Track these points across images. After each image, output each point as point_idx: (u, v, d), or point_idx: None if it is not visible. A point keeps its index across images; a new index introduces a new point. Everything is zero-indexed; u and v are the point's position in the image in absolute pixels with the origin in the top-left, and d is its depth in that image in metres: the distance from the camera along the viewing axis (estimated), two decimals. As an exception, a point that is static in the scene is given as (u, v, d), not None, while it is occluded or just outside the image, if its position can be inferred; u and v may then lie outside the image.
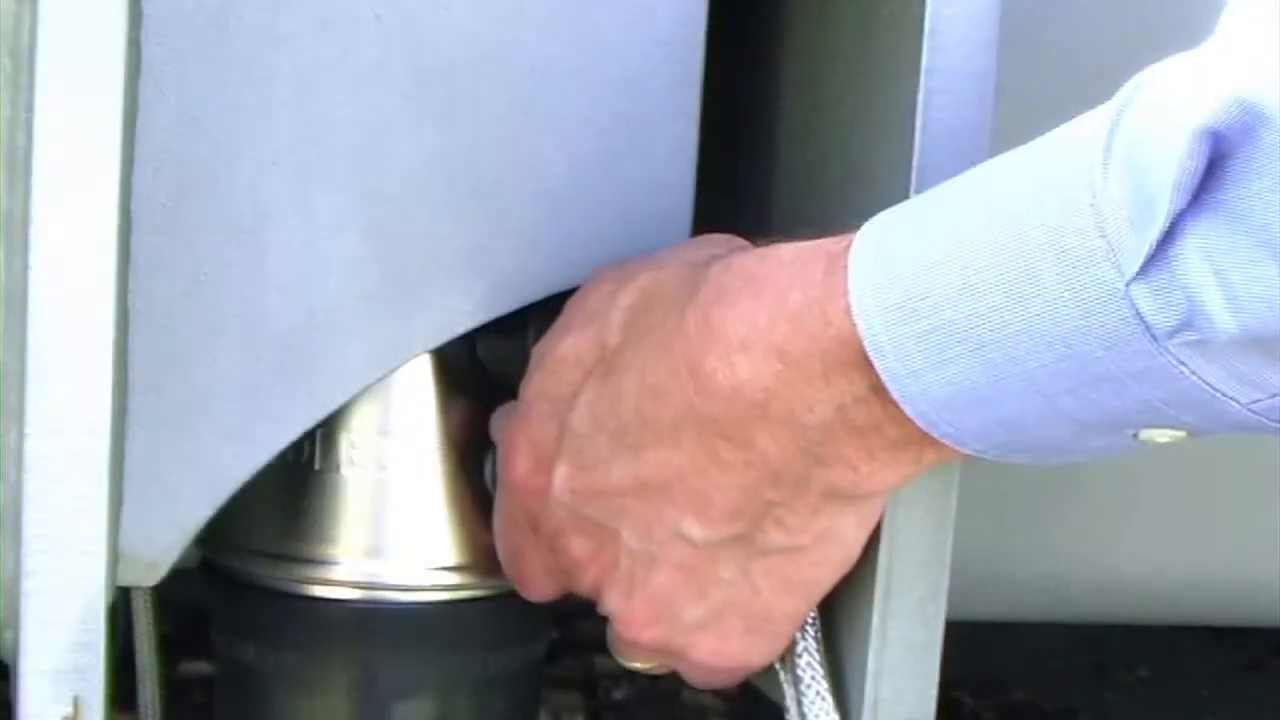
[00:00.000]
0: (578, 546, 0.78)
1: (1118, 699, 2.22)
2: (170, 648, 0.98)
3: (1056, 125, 0.68)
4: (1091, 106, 0.68)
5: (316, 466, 0.85)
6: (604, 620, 0.81)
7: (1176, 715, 2.19)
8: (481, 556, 0.86)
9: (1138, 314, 0.61)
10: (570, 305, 0.79)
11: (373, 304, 0.80)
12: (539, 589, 0.83)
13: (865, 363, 0.68)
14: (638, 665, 0.82)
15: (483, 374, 0.85)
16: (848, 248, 0.69)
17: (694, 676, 0.81)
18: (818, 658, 0.80)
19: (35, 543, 0.73)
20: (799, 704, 0.80)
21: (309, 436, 0.83)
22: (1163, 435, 0.67)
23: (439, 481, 0.85)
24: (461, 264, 0.80)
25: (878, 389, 0.68)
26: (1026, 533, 1.04)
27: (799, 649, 0.80)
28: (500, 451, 0.80)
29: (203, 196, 0.78)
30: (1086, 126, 0.64)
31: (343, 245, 0.79)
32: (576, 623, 2.15)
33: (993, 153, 0.77)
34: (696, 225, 0.83)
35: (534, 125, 0.80)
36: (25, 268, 0.71)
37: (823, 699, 0.79)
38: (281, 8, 0.77)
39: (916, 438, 0.69)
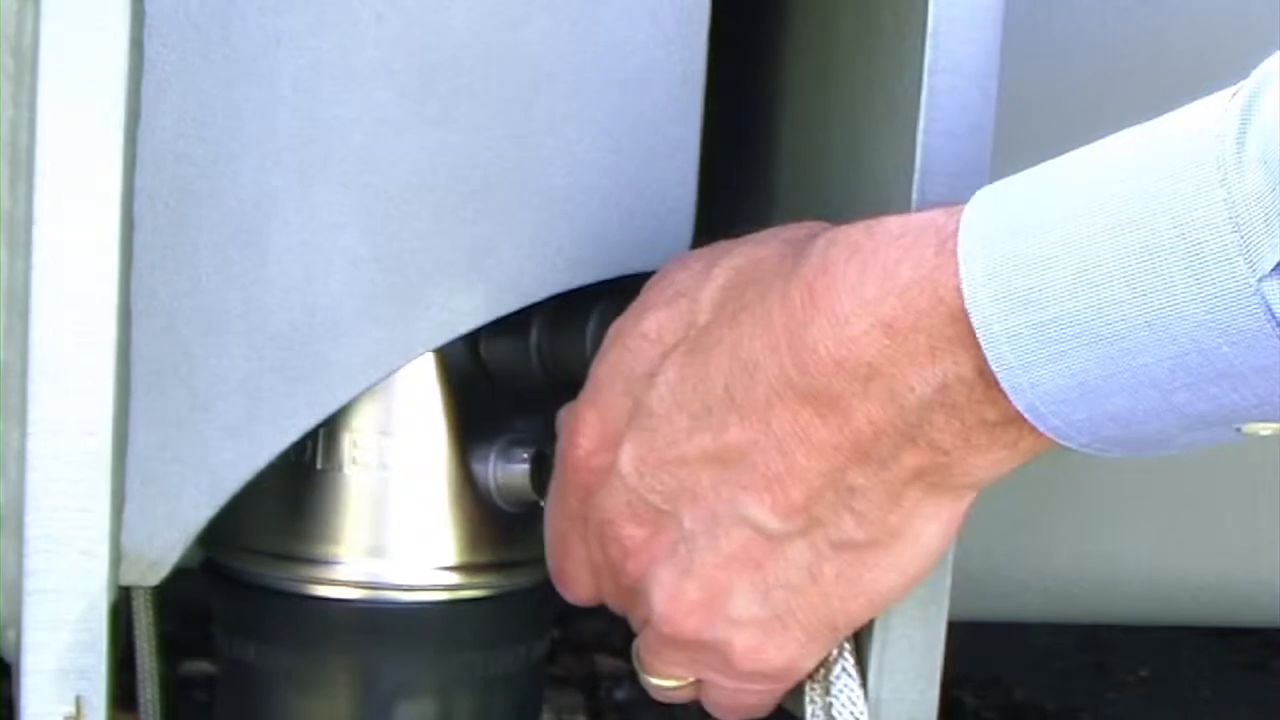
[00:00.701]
0: (629, 534, 0.76)
1: (1118, 699, 2.22)
2: (171, 647, 0.98)
3: (1058, 125, 0.68)
4: (1092, 106, 0.68)
5: (319, 466, 0.85)
6: (614, 631, 0.80)
7: (1176, 715, 2.19)
8: (483, 556, 0.86)
9: (1269, 311, 0.60)
10: (654, 284, 0.78)
11: (375, 304, 0.80)
12: (579, 586, 0.82)
13: (973, 342, 0.66)
14: (663, 683, 0.80)
15: (485, 374, 0.85)
16: (958, 224, 0.67)
17: (722, 696, 0.79)
18: (855, 676, 0.79)
19: (37, 542, 0.73)
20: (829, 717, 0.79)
21: (311, 436, 0.83)
22: (1267, 428, 0.66)
23: (441, 481, 0.85)
24: (463, 264, 0.80)
25: (983, 370, 0.67)
26: (1026, 533, 1.04)
27: (834, 664, 0.79)
28: (564, 430, 0.79)
29: (205, 196, 0.78)
30: (1210, 115, 0.62)
31: (345, 245, 0.79)
32: (577, 622, 2.15)
33: (994, 153, 0.77)
34: (698, 225, 0.83)
35: (535, 125, 0.80)
36: (27, 267, 0.71)
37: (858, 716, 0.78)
38: (283, 8, 0.77)
39: (1016, 422, 0.68)
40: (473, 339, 0.83)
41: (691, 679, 0.80)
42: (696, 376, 0.74)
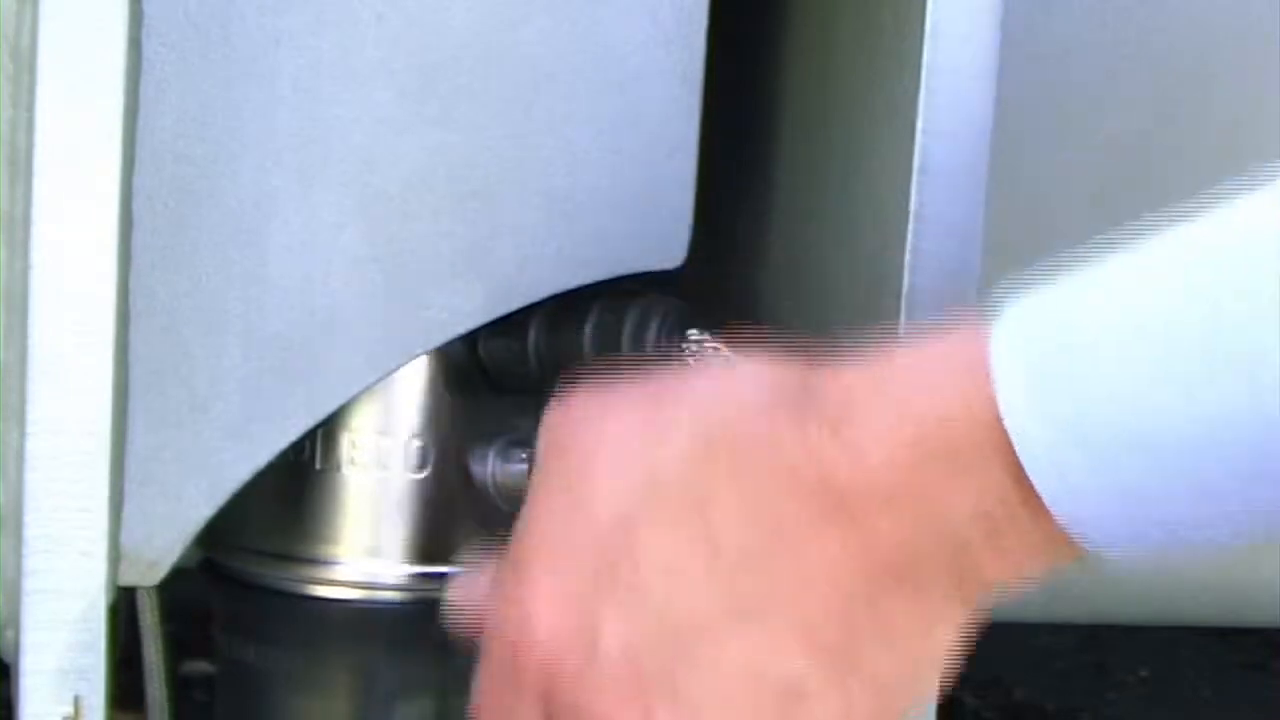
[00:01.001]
0: (616, 714, 0.68)
1: (1118, 699, 2.22)
2: (171, 647, 0.98)
3: (1057, 125, 0.68)
4: (1092, 106, 0.68)
5: (318, 466, 0.85)
6: None
7: (1176, 715, 2.19)
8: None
9: None
10: (563, 445, 0.71)
11: (374, 304, 0.80)
12: None
13: (1015, 465, 0.64)
14: None
15: (483, 374, 0.85)
16: (984, 347, 0.65)
17: None
18: None
19: (36, 542, 0.73)
20: None
21: (310, 436, 0.83)
22: None
23: (440, 481, 0.85)
24: (462, 264, 0.80)
25: (1024, 490, 0.64)
26: (1027, 533, 1.04)
27: None
28: (504, 623, 0.70)
29: (204, 196, 0.78)
30: (1259, 202, 0.61)
31: (344, 245, 0.79)
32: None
33: (993, 153, 0.77)
34: (697, 225, 0.83)
35: (535, 125, 0.80)
36: (26, 267, 0.71)
37: None
38: (283, 7, 0.77)
39: (1058, 540, 0.66)
40: (471, 339, 0.83)
41: None
42: (698, 538, 0.67)
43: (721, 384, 0.71)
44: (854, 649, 0.68)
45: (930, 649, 0.70)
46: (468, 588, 0.74)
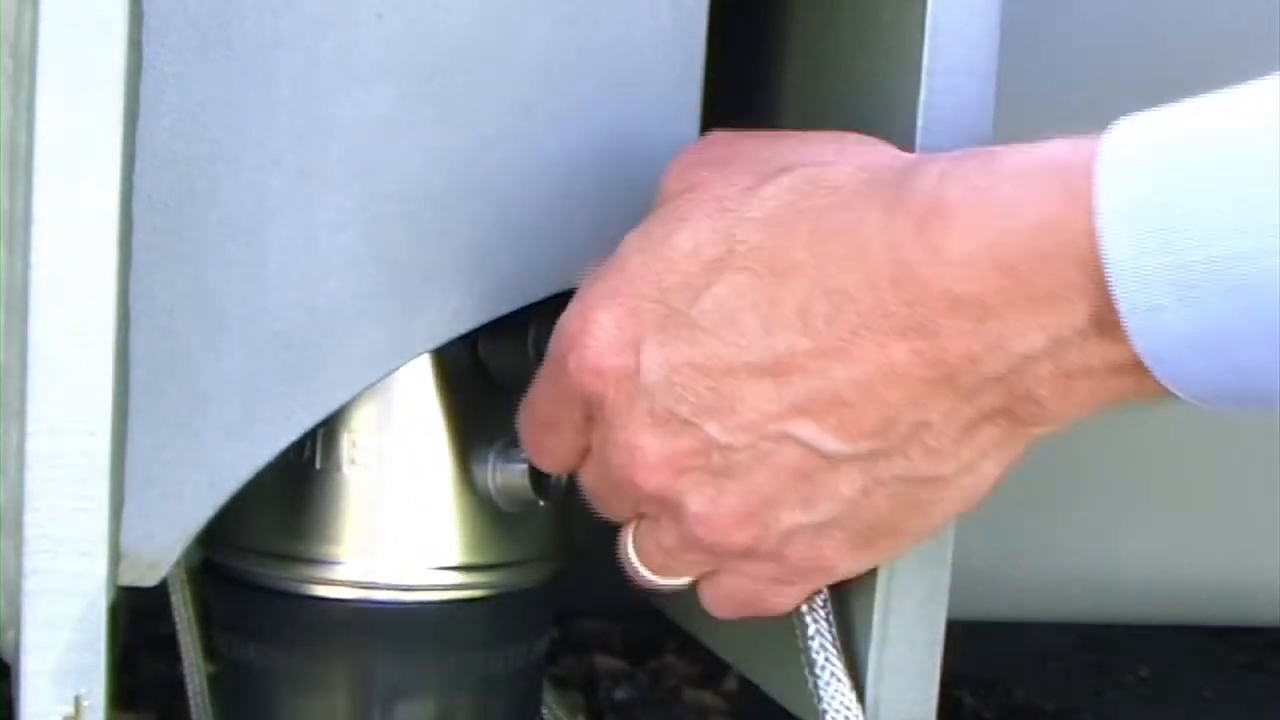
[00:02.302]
0: (645, 444, 0.72)
1: (1118, 699, 2.22)
2: (171, 647, 0.98)
3: (1058, 125, 0.68)
4: (1092, 106, 0.68)
5: (317, 466, 0.85)
6: (614, 631, 0.77)
7: (1176, 715, 2.19)
8: (482, 556, 0.86)
9: None
10: (686, 191, 0.74)
11: (373, 304, 0.80)
12: (558, 464, 0.79)
13: (1095, 289, 0.64)
14: (666, 583, 0.77)
15: (483, 374, 0.85)
16: (1087, 160, 0.64)
17: (742, 592, 0.76)
18: (828, 610, 0.78)
19: (36, 543, 0.73)
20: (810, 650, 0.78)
21: (310, 436, 0.83)
22: None
23: (440, 481, 0.85)
24: (462, 264, 0.80)
25: (1100, 321, 0.65)
26: (1026, 532, 1.04)
27: (816, 600, 0.78)
28: (565, 332, 0.74)
29: (204, 196, 0.78)
30: None
31: (343, 245, 0.79)
32: (577, 622, 2.15)
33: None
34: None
35: (534, 125, 0.80)
36: (26, 267, 0.71)
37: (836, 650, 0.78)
38: (282, 8, 0.77)
39: (1122, 371, 0.66)
40: (471, 339, 0.83)
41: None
42: (761, 297, 0.69)
43: (825, 157, 0.72)
44: (886, 441, 0.69)
45: (969, 457, 0.70)
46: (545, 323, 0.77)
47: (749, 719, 2.01)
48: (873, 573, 0.78)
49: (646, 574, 0.78)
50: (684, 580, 0.78)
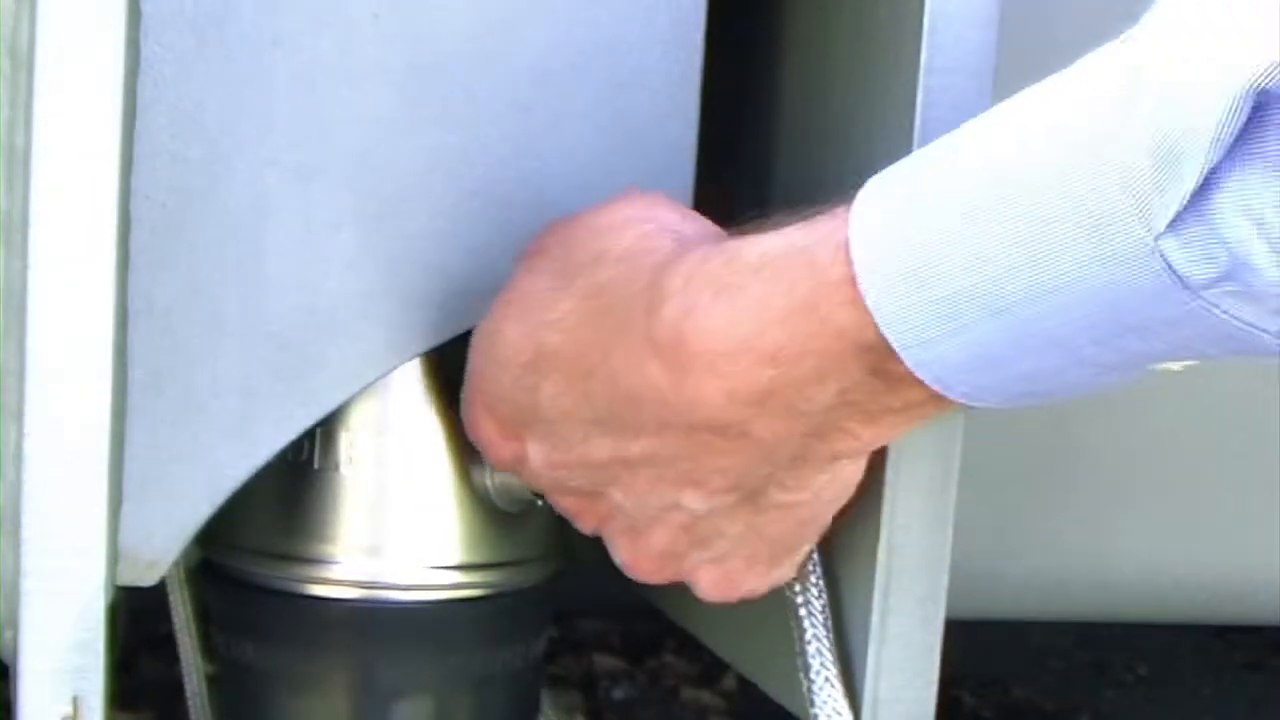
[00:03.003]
0: (568, 506, 0.79)
1: (1118, 698, 2.22)
2: (170, 647, 0.98)
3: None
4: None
5: (316, 465, 0.85)
6: (613, 631, 0.82)
7: (1176, 715, 2.19)
8: (480, 555, 0.86)
9: (1170, 268, 0.60)
10: (504, 296, 0.78)
11: (372, 304, 0.80)
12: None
13: (864, 351, 0.67)
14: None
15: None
16: (830, 233, 0.68)
17: (701, 595, 0.81)
18: (821, 585, 0.81)
19: (35, 542, 0.73)
20: (803, 632, 0.81)
21: (308, 435, 0.83)
22: (1178, 365, 0.66)
23: (438, 480, 0.85)
24: (460, 264, 0.80)
25: (878, 371, 0.68)
26: (1026, 531, 1.04)
27: (808, 573, 0.81)
28: (464, 422, 0.81)
29: (202, 196, 0.78)
30: (1096, 78, 0.63)
31: (342, 245, 0.79)
32: (576, 622, 2.15)
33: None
34: (696, 225, 0.83)
35: (534, 125, 0.80)
36: (25, 268, 0.71)
37: (826, 628, 0.81)
38: (280, 7, 0.77)
39: (922, 400, 0.69)
40: (469, 339, 0.83)
41: None
42: (577, 394, 0.75)
43: (593, 248, 0.76)
44: (744, 494, 0.75)
45: (831, 481, 0.76)
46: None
47: (748, 718, 2.01)
48: (871, 574, 0.78)
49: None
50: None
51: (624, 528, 0.78)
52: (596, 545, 0.81)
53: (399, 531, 0.85)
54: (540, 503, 0.85)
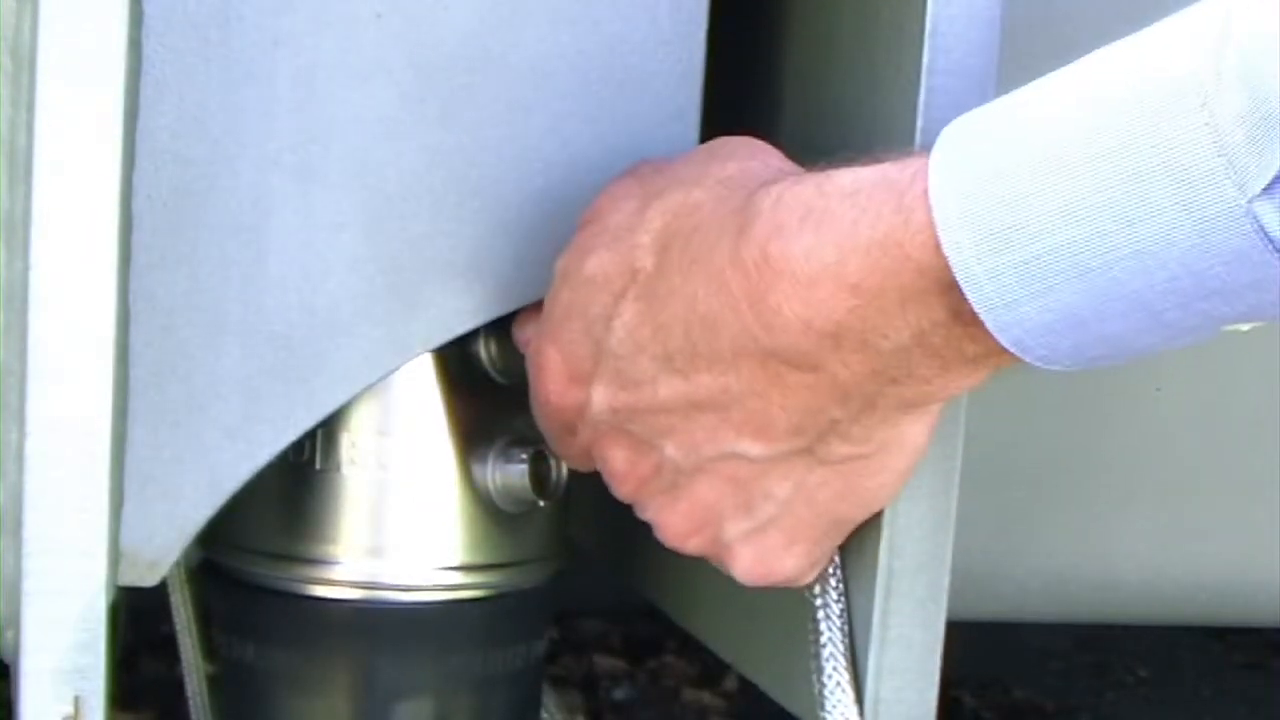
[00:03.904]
0: (616, 459, 0.77)
1: (1118, 699, 2.22)
2: (171, 647, 0.98)
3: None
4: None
5: (317, 466, 0.85)
6: (614, 631, 0.80)
7: (1176, 715, 2.19)
8: (481, 556, 0.86)
9: (1262, 230, 0.60)
10: (588, 220, 0.78)
11: (373, 304, 0.80)
12: (577, 465, 0.82)
13: (945, 290, 0.66)
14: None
15: (483, 374, 0.85)
16: (915, 175, 0.67)
17: (736, 576, 0.80)
18: (841, 589, 0.80)
19: (35, 543, 0.73)
20: (819, 633, 0.80)
21: (310, 436, 0.83)
22: (1246, 325, 0.66)
23: (439, 481, 0.85)
24: (461, 264, 0.80)
25: (958, 313, 0.67)
26: (1026, 533, 1.04)
27: (829, 575, 0.80)
28: (530, 364, 0.79)
29: (203, 196, 0.78)
30: (1186, 34, 0.62)
31: (343, 245, 0.79)
32: (576, 622, 2.15)
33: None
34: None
35: (534, 125, 0.80)
36: (25, 268, 0.71)
37: (844, 633, 0.80)
38: (282, 7, 0.77)
39: (996, 352, 0.68)
40: (471, 338, 0.83)
41: None
42: (655, 323, 0.74)
43: (692, 173, 0.76)
44: (803, 438, 0.73)
45: (888, 434, 0.74)
46: (525, 326, 0.82)
47: (748, 719, 2.01)
48: (871, 574, 0.78)
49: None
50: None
51: (666, 485, 0.76)
52: (598, 545, 0.81)
53: (400, 532, 0.85)
54: (541, 504, 0.86)
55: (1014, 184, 0.64)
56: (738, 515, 0.76)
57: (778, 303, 0.70)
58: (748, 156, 0.76)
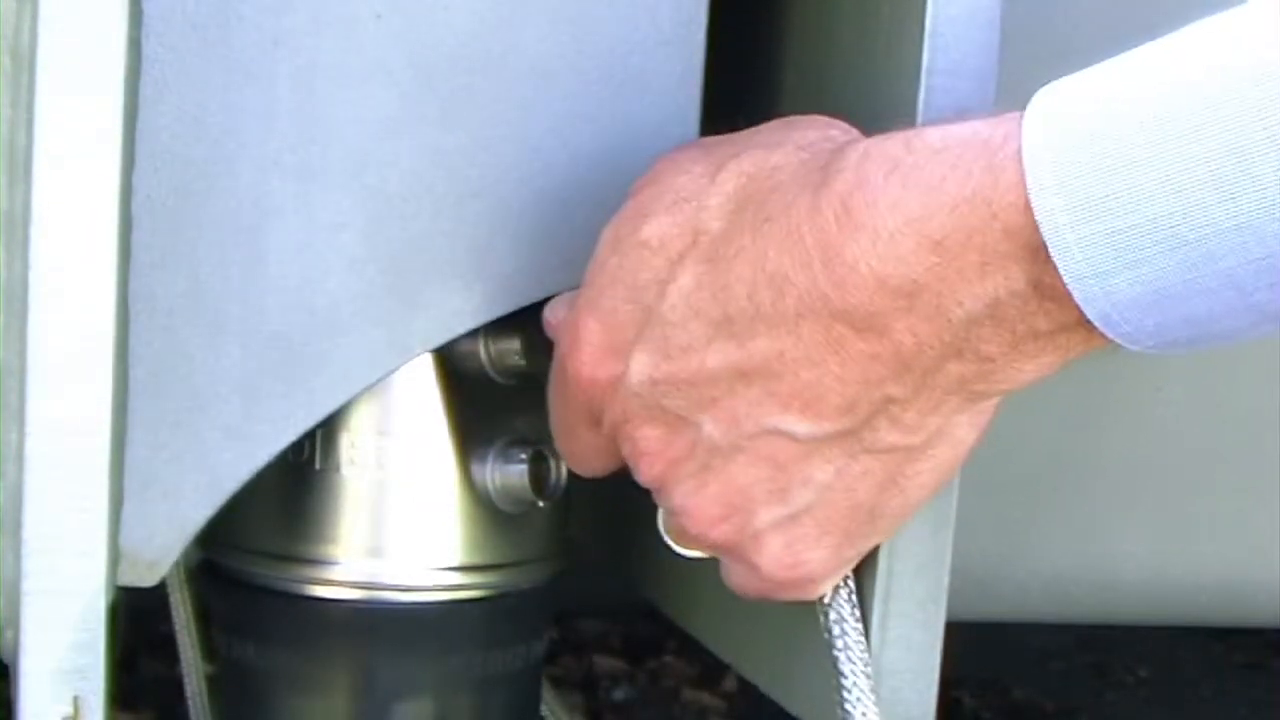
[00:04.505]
0: (647, 437, 0.74)
1: (1118, 699, 2.22)
2: (171, 647, 0.98)
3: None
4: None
5: (317, 466, 0.85)
6: (614, 631, 0.78)
7: (1176, 715, 2.19)
8: (481, 557, 0.86)
9: None
10: (646, 187, 0.75)
11: (373, 304, 0.80)
12: (588, 467, 0.80)
13: (1030, 256, 0.65)
14: (690, 554, 0.78)
15: (483, 374, 0.85)
16: (1008, 135, 0.65)
17: (745, 584, 0.77)
18: (854, 601, 0.78)
19: (35, 543, 0.73)
20: (833, 645, 0.77)
21: (309, 436, 0.83)
22: None
23: (439, 481, 0.85)
24: (461, 264, 0.80)
25: (1038, 284, 0.65)
26: (1027, 533, 1.04)
27: (839, 588, 0.78)
28: (562, 339, 0.77)
29: (203, 196, 0.78)
30: None
31: (343, 245, 0.79)
32: (576, 622, 2.15)
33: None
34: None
35: (534, 125, 0.80)
36: (25, 268, 0.71)
37: (860, 643, 0.77)
38: (282, 7, 0.77)
39: (1068, 329, 0.67)
40: (471, 338, 0.83)
41: None
42: (716, 285, 0.71)
43: (772, 139, 0.74)
44: (852, 418, 0.71)
45: (938, 424, 0.72)
46: (558, 308, 0.79)
47: (748, 719, 2.01)
48: (871, 574, 0.78)
49: (671, 545, 0.79)
50: (705, 556, 0.78)
51: (698, 467, 0.73)
52: (598, 545, 0.81)
53: (400, 532, 0.85)
54: (541, 504, 0.86)
55: (1114, 151, 0.63)
56: (771, 501, 0.73)
57: (854, 257, 0.67)
58: (827, 125, 0.74)
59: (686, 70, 0.82)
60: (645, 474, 0.76)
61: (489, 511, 0.86)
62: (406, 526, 0.85)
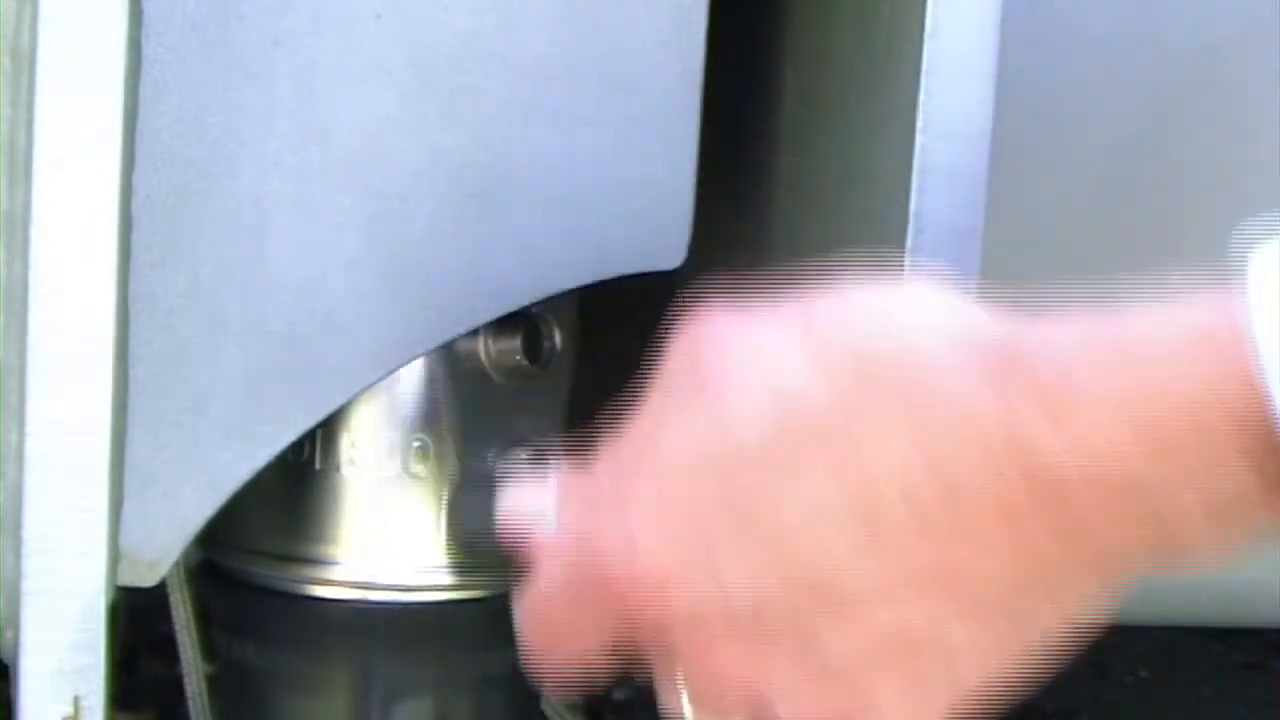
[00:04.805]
0: (730, 661, 0.60)
1: (1118, 699, 2.22)
2: (171, 647, 0.98)
3: (1058, 126, 0.68)
4: (1093, 107, 0.68)
5: (317, 466, 0.85)
6: None
7: (1176, 715, 2.19)
8: (480, 556, 0.86)
9: None
10: (692, 351, 0.61)
11: (373, 304, 0.80)
12: (574, 673, 0.68)
13: (1260, 450, 0.56)
14: None
15: (484, 373, 0.85)
16: (1230, 319, 0.56)
17: None
18: None
19: (35, 543, 0.73)
20: None
21: (309, 436, 0.83)
22: None
23: (439, 482, 0.85)
24: (461, 264, 0.80)
25: (1266, 477, 0.57)
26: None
27: None
28: (594, 532, 0.62)
29: (203, 196, 0.78)
30: None
31: (343, 245, 0.79)
32: (576, 622, 2.15)
33: (993, 154, 0.77)
34: (696, 225, 0.83)
35: (534, 125, 0.80)
36: (25, 268, 0.71)
37: None
38: (282, 7, 0.77)
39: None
40: (472, 338, 0.83)
41: None
42: (841, 482, 0.58)
43: (888, 309, 0.60)
44: (1018, 620, 0.60)
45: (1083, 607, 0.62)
46: (527, 494, 0.66)
47: (748, 719, 2.00)
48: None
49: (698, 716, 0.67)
50: None
51: (802, 672, 0.60)
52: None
53: (400, 532, 0.85)
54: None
55: None
56: (897, 693, 0.61)
57: (1064, 470, 0.57)
58: (932, 308, 0.61)
59: (686, 70, 0.82)
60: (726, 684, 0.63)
61: (489, 511, 0.86)
62: (406, 526, 0.85)
